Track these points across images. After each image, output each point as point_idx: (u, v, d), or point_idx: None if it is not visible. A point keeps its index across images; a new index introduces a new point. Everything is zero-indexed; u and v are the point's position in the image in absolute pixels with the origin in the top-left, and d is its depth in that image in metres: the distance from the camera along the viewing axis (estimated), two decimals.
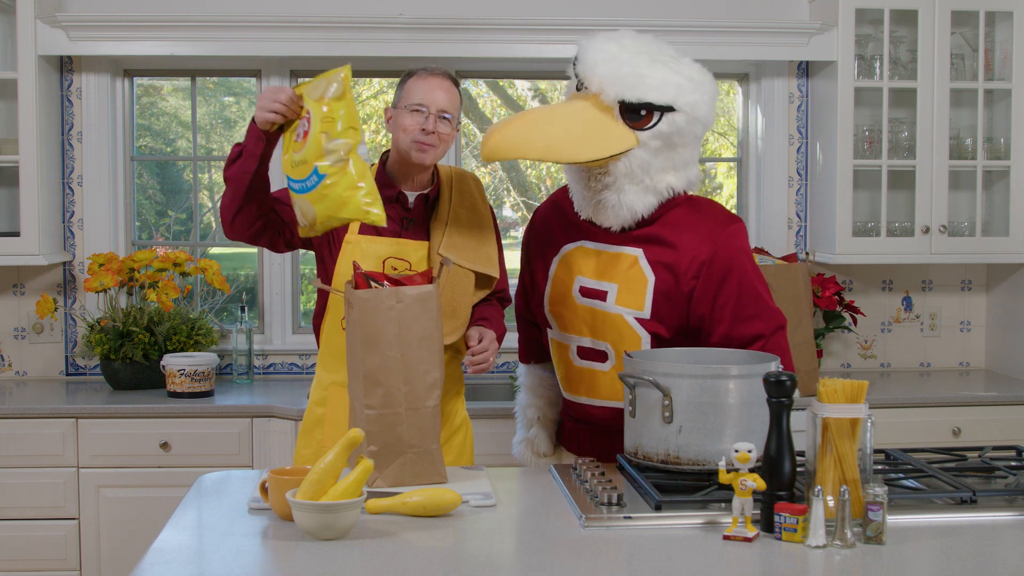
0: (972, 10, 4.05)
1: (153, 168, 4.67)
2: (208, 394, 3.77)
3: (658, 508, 2.09)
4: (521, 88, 5.12)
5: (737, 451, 1.98)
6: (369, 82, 5.07)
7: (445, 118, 2.64)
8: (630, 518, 2.07)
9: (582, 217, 2.61)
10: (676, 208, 2.56)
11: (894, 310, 4.40)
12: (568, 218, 2.66)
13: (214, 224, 4.75)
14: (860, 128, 4.14)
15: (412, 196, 2.72)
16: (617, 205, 2.52)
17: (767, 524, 1.98)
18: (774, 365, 2.23)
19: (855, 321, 4.22)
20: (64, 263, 4.14)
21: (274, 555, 1.93)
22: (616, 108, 2.48)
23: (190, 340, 3.96)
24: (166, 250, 4.15)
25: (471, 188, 2.81)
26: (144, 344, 3.86)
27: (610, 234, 2.57)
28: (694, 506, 2.11)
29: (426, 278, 2.40)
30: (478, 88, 5.09)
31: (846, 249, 4.05)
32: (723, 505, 2.10)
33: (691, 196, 2.60)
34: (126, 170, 4.24)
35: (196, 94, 4.37)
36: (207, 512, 2.19)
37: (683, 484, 2.20)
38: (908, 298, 4.41)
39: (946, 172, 4.04)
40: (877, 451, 2.45)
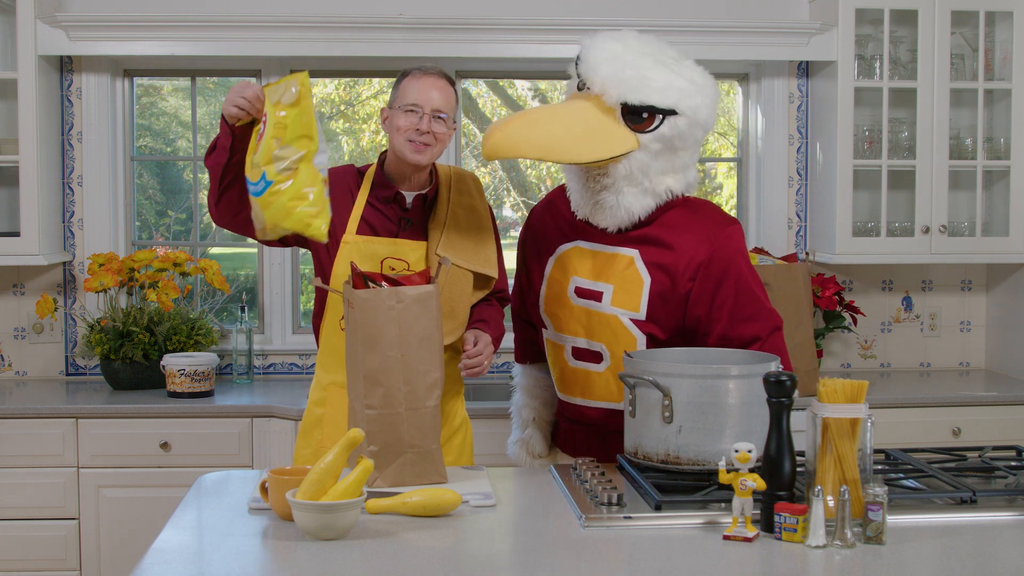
0: (972, 10, 4.04)
1: (153, 168, 4.67)
2: (208, 394, 3.77)
3: (658, 508, 2.09)
4: (521, 88, 5.11)
5: (737, 451, 1.98)
6: (369, 82, 5.06)
7: (440, 118, 2.63)
8: (630, 518, 2.06)
9: (579, 217, 2.60)
10: (673, 209, 2.55)
11: (894, 310, 4.40)
12: (564, 218, 2.65)
13: (214, 224, 4.74)
14: (860, 128, 4.14)
15: (410, 196, 2.71)
16: (615, 207, 2.51)
17: (767, 524, 1.98)
18: (774, 365, 2.23)
19: (855, 321, 4.22)
20: (64, 263, 4.14)
21: (274, 555, 1.93)
22: (618, 110, 2.47)
23: (190, 340, 3.96)
24: (166, 250, 4.15)
25: (470, 188, 2.80)
26: (144, 344, 3.86)
27: (606, 234, 2.56)
28: (694, 506, 2.11)
29: (424, 278, 2.40)
30: (478, 88, 5.08)
31: (846, 249, 4.05)
32: (723, 505, 2.10)
33: (688, 197, 2.59)
34: (126, 170, 4.24)
35: (196, 94, 4.37)
36: (207, 512, 2.19)
37: (683, 484, 2.20)
38: (908, 298, 4.41)
39: (946, 172, 4.04)
40: (877, 451, 2.45)
